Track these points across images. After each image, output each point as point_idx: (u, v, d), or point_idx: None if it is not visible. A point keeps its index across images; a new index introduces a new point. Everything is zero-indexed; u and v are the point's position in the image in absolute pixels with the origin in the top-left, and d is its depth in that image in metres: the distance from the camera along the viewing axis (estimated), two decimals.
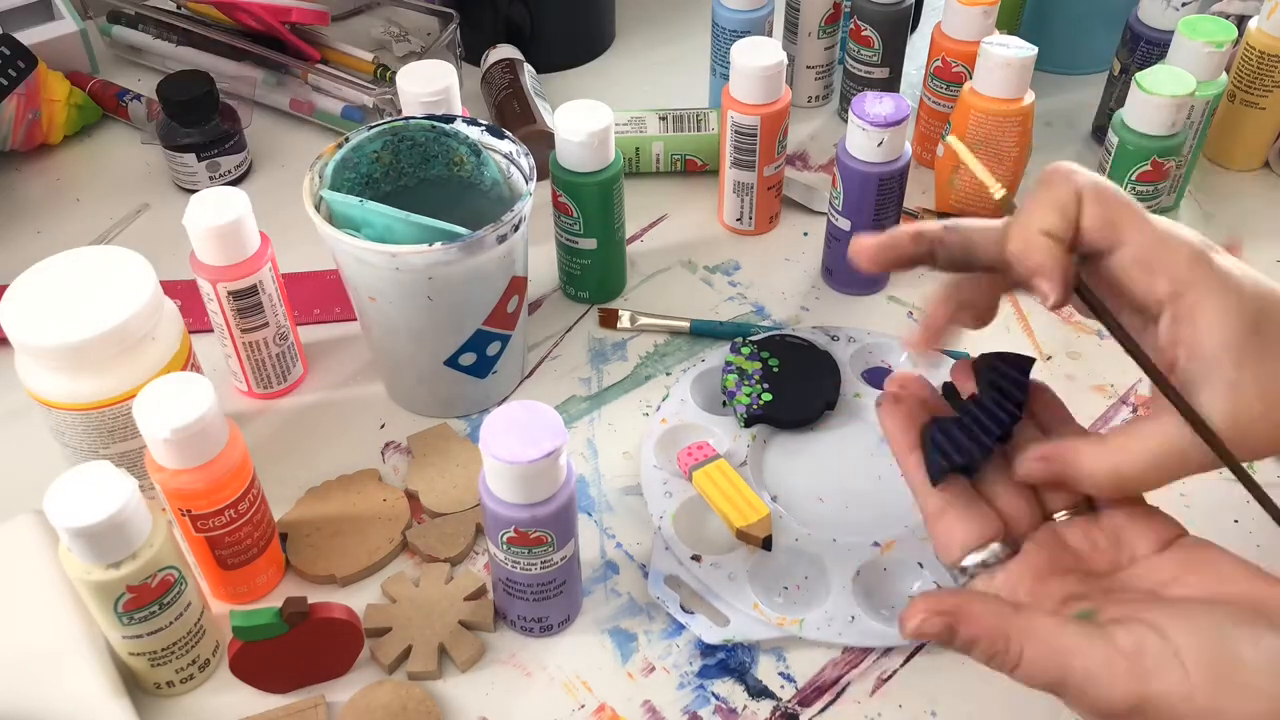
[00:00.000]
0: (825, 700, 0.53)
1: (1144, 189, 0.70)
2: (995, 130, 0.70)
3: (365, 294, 0.59)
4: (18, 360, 0.55)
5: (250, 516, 0.53)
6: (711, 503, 0.57)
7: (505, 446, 0.47)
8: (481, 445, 0.48)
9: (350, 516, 0.59)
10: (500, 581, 0.53)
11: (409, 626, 0.54)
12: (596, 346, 0.70)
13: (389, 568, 0.58)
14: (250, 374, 0.64)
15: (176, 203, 0.80)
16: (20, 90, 0.79)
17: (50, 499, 0.45)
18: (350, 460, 0.62)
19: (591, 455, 0.63)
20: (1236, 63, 0.78)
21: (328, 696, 0.52)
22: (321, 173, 0.60)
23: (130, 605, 0.48)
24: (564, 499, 0.49)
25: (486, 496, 0.49)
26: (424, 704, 0.52)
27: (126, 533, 0.46)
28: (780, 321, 0.71)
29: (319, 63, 0.84)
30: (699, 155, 0.81)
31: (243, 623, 0.49)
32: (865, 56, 0.82)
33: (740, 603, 0.55)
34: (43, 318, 0.53)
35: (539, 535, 0.49)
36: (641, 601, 0.56)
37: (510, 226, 0.57)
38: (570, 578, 0.53)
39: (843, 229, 0.70)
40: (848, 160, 0.67)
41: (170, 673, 0.52)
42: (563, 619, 0.55)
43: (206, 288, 0.60)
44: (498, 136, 0.62)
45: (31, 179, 0.82)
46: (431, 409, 0.65)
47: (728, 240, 0.77)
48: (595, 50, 0.95)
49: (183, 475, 0.50)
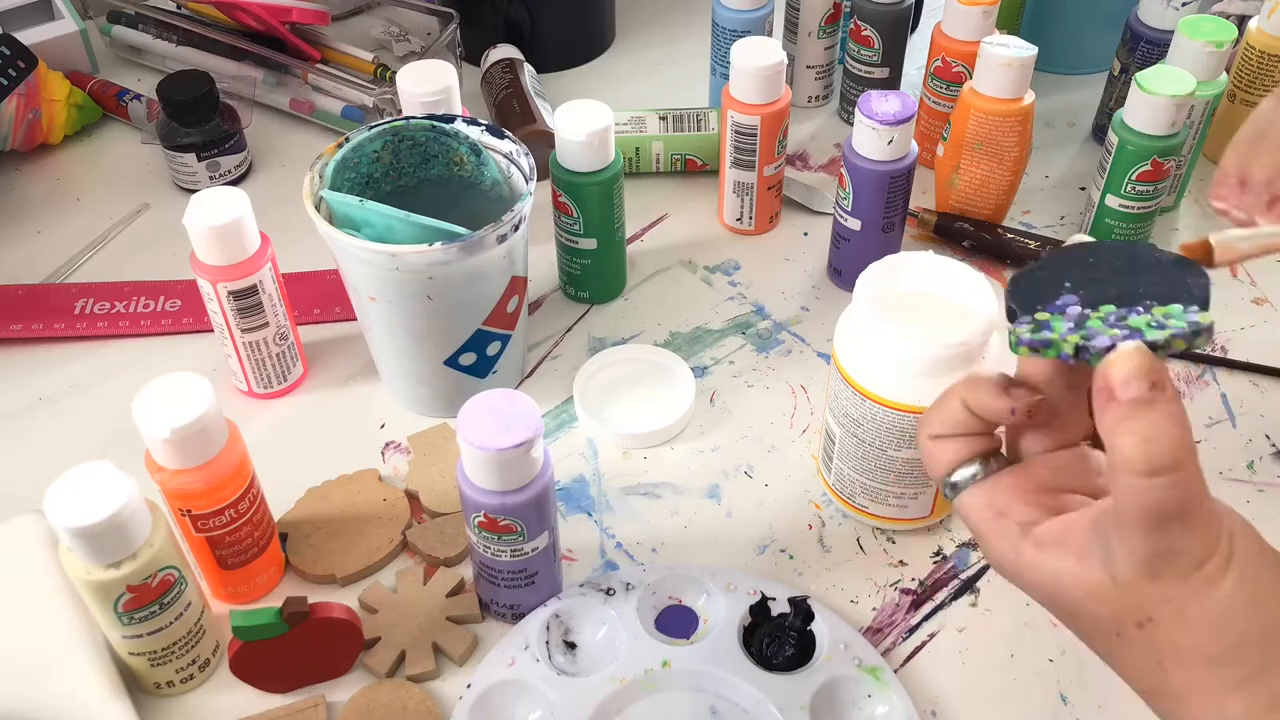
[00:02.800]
0: None
1: (1144, 189, 0.70)
2: (995, 130, 0.70)
3: (365, 294, 0.59)
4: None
5: (250, 516, 0.53)
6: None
7: (479, 432, 0.48)
8: (458, 428, 0.48)
9: (350, 516, 0.59)
10: (477, 566, 0.54)
11: (396, 632, 0.54)
12: (597, 346, 0.70)
13: (389, 567, 0.58)
14: (250, 374, 0.64)
15: (176, 203, 0.80)
16: (20, 90, 0.79)
17: (50, 499, 0.45)
18: (350, 460, 0.62)
19: (591, 455, 0.63)
20: (1236, 63, 0.78)
21: (328, 696, 0.52)
22: (322, 172, 0.60)
23: (130, 605, 0.48)
24: (536, 490, 0.50)
25: (461, 479, 0.50)
26: (424, 703, 0.52)
27: (126, 533, 0.46)
28: (780, 322, 0.71)
29: (319, 62, 0.85)
30: (699, 155, 0.81)
31: (243, 622, 0.49)
32: (865, 56, 0.82)
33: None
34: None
35: (508, 523, 0.50)
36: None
37: (510, 226, 0.57)
38: (544, 569, 0.53)
39: (852, 229, 0.70)
40: (856, 160, 0.67)
41: (170, 673, 0.52)
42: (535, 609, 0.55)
43: (207, 288, 0.60)
44: (498, 136, 0.62)
45: (32, 179, 0.82)
46: (431, 409, 0.65)
47: (728, 240, 0.77)
48: (595, 50, 0.95)
49: (182, 475, 0.50)
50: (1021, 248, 0.74)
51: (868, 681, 0.52)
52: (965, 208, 0.75)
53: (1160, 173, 0.69)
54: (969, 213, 0.75)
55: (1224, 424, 0.65)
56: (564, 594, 0.55)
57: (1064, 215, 0.79)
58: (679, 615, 0.55)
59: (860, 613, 0.56)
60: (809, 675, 0.52)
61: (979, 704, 0.53)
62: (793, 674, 0.52)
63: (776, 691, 0.51)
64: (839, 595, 0.57)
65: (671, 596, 0.56)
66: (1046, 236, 0.74)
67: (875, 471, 0.56)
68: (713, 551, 0.59)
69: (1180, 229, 0.78)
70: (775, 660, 0.53)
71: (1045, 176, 0.82)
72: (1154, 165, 0.69)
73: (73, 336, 0.70)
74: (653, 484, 0.62)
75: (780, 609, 0.55)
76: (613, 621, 0.54)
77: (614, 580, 0.56)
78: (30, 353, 0.69)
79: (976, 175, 0.73)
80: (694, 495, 0.61)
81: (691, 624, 0.55)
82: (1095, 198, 0.72)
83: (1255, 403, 0.66)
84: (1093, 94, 0.86)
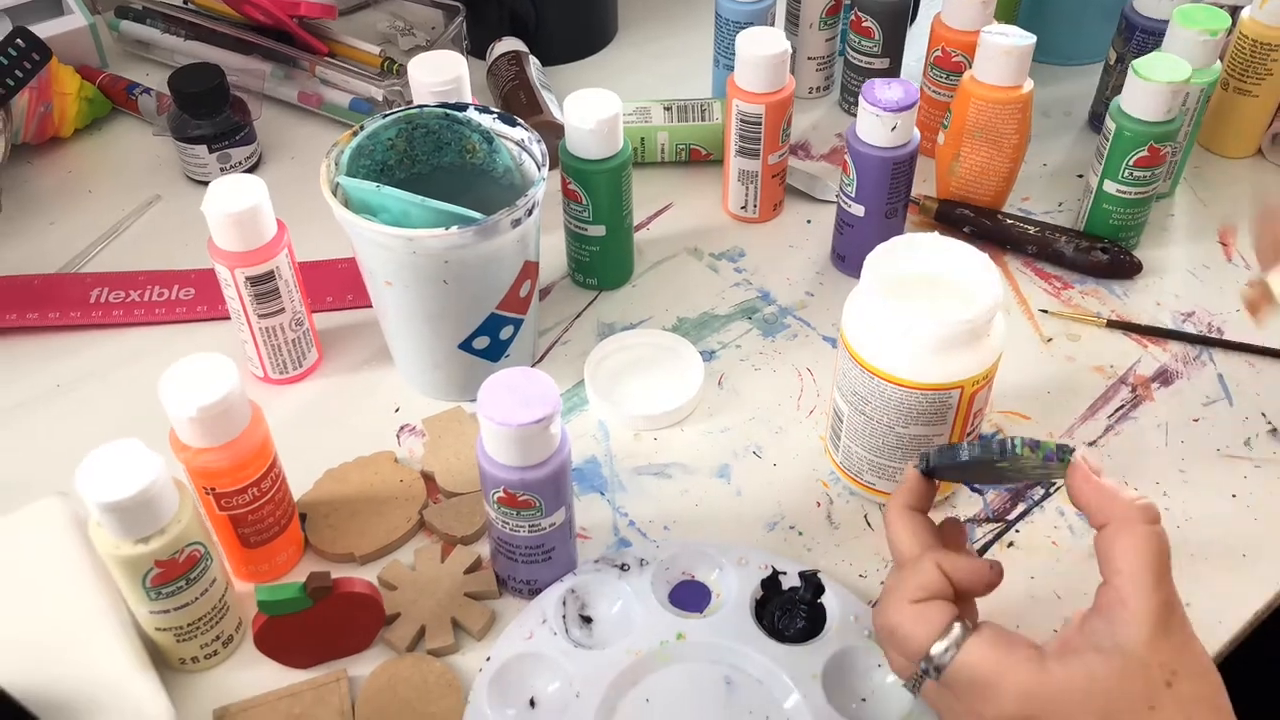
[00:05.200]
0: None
1: (1141, 174, 0.71)
2: (995, 118, 0.72)
3: (381, 278, 0.60)
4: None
5: (272, 495, 0.54)
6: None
7: (499, 409, 0.49)
8: (478, 406, 0.49)
9: (368, 497, 0.60)
10: (494, 542, 0.55)
11: (415, 608, 0.55)
12: (606, 331, 0.71)
13: (407, 546, 0.59)
14: (266, 359, 0.65)
15: (187, 194, 0.81)
16: (32, 84, 0.80)
17: (81, 475, 0.46)
18: (365, 443, 0.63)
19: (603, 437, 0.65)
20: (1230, 51, 0.79)
21: (349, 671, 0.53)
22: (338, 159, 0.61)
23: (158, 580, 0.49)
24: (554, 467, 0.51)
25: (481, 455, 0.51)
26: (444, 676, 0.53)
27: (155, 508, 0.47)
28: (786, 307, 0.72)
29: (326, 56, 0.86)
30: (703, 145, 0.82)
31: (268, 597, 0.50)
32: (866, 47, 0.83)
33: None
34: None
35: (527, 498, 0.51)
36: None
37: (524, 211, 0.58)
38: (560, 545, 0.55)
39: (856, 215, 0.71)
40: (860, 147, 0.68)
41: (195, 648, 0.53)
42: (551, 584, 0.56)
43: (224, 274, 0.61)
44: (509, 124, 0.63)
45: (44, 171, 0.83)
46: (445, 393, 0.66)
47: (733, 228, 0.79)
48: (599, 43, 0.97)
49: (207, 454, 0.51)
50: (1020, 233, 0.75)
51: (877, 652, 0.53)
52: (966, 194, 0.77)
53: (1157, 158, 0.70)
54: (969, 199, 0.77)
55: (1221, 403, 0.66)
56: (579, 569, 0.56)
57: (1062, 202, 0.81)
58: (692, 590, 0.57)
59: (869, 586, 0.57)
60: (820, 646, 0.53)
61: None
62: (804, 645, 0.53)
63: (789, 662, 0.52)
64: (847, 570, 0.58)
65: (685, 572, 0.57)
66: (1045, 222, 0.76)
67: (883, 448, 0.57)
68: (723, 529, 0.60)
69: (1175, 214, 0.80)
70: (787, 632, 0.54)
71: (1043, 164, 0.84)
72: (1151, 151, 0.70)
73: (88, 325, 0.71)
74: (664, 464, 0.63)
75: (791, 583, 0.56)
76: (627, 596, 0.55)
77: (628, 556, 0.57)
78: (47, 341, 0.70)
79: (977, 162, 0.75)
80: (704, 475, 0.63)
81: (704, 598, 0.56)
82: (1093, 183, 0.73)
83: (1251, 382, 0.68)
84: (1089, 84, 0.88)
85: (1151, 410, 0.66)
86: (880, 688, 0.53)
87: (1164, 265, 0.75)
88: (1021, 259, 0.76)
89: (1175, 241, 0.78)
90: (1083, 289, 0.74)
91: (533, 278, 0.64)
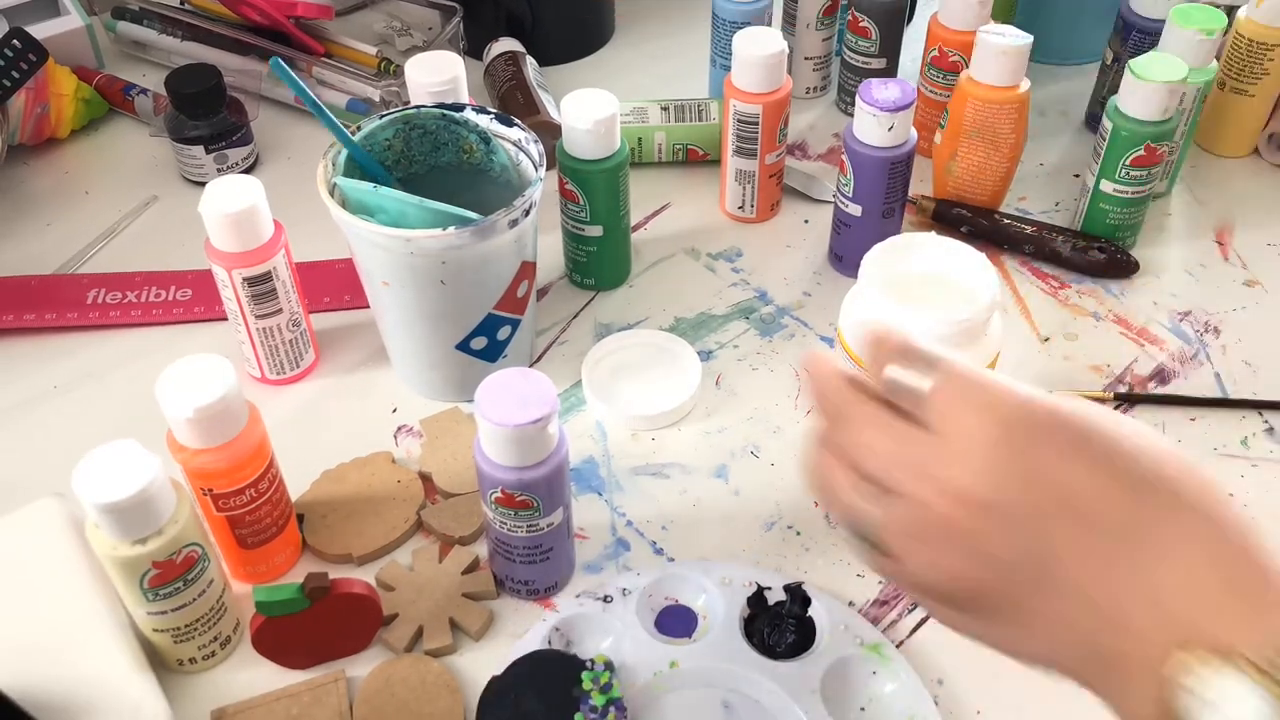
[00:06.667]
0: None
1: (1138, 173, 0.71)
2: (993, 117, 0.72)
3: (379, 279, 0.60)
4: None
5: (269, 496, 0.54)
6: None
7: (497, 409, 0.49)
8: (476, 406, 0.49)
9: (365, 498, 0.60)
10: (492, 542, 0.55)
11: (413, 609, 0.55)
12: (603, 332, 0.71)
13: (405, 546, 0.59)
14: (264, 360, 0.65)
15: (184, 195, 0.81)
16: (29, 85, 0.80)
17: (78, 476, 0.46)
18: (362, 444, 0.63)
19: (601, 437, 0.65)
20: (1226, 51, 0.79)
21: (347, 671, 0.53)
22: (335, 160, 0.61)
23: (156, 581, 0.49)
24: (552, 467, 0.51)
25: (478, 456, 0.51)
26: (442, 676, 0.53)
27: (152, 509, 0.47)
28: (783, 307, 0.72)
29: (323, 57, 0.85)
30: (700, 145, 0.82)
31: (265, 598, 0.50)
32: (863, 47, 0.83)
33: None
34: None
35: (525, 499, 0.51)
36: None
37: (521, 211, 0.58)
38: (558, 545, 0.55)
39: (853, 215, 0.71)
40: (857, 147, 0.68)
41: (193, 649, 0.53)
42: (550, 585, 0.56)
43: (222, 274, 0.61)
44: (506, 124, 0.63)
45: (40, 172, 0.83)
46: (442, 393, 0.66)
47: (730, 228, 0.79)
48: (596, 43, 0.97)
49: (204, 455, 0.51)
50: (1018, 232, 0.75)
51: (871, 659, 0.53)
52: (963, 194, 0.77)
53: (1154, 157, 0.70)
54: (966, 199, 0.77)
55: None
56: (561, 607, 0.56)
57: (1058, 201, 0.81)
58: (678, 615, 0.56)
59: (866, 586, 0.57)
60: (814, 659, 0.53)
61: (986, 674, 0.54)
62: (798, 660, 0.53)
63: (785, 679, 0.52)
64: (845, 570, 0.58)
65: (668, 597, 0.56)
66: (1042, 221, 0.76)
67: None
68: (721, 529, 0.60)
69: (1172, 214, 0.80)
70: (778, 648, 0.54)
71: (1040, 164, 0.84)
72: (1147, 150, 0.70)
73: (85, 326, 0.71)
74: (661, 464, 0.63)
75: (777, 597, 0.56)
76: (615, 630, 0.54)
77: (609, 587, 0.56)
78: (44, 343, 0.70)
79: (974, 162, 0.75)
80: (702, 475, 0.63)
81: (691, 622, 0.56)
82: (1090, 183, 0.74)
83: (1249, 381, 0.68)
84: (1085, 84, 0.88)
85: (1149, 409, 0.66)
86: (878, 695, 0.53)
87: (1161, 264, 0.76)
88: (1018, 258, 0.76)
89: (1172, 241, 0.78)
90: (1079, 288, 0.74)
91: (530, 278, 0.64)
